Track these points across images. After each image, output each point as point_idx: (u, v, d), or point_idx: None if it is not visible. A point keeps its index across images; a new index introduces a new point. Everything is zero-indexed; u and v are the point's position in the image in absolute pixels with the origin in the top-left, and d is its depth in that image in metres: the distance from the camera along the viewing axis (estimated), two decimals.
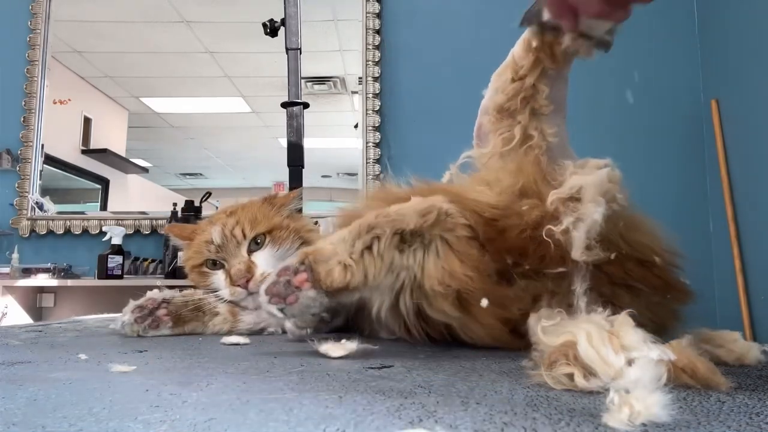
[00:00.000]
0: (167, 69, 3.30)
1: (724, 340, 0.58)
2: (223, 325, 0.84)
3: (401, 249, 0.59)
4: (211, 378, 0.45)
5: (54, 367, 0.50)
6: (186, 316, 0.82)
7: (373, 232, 0.59)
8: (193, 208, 2.59)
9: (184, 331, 0.82)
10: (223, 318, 0.85)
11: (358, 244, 0.58)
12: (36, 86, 2.87)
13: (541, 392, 0.41)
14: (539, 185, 0.66)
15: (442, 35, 2.83)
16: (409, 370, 0.51)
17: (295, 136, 1.63)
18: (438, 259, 0.58)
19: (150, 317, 0.79)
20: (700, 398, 0.40)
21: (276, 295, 0.57)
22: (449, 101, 2.83)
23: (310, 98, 2.09)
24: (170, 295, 0.83)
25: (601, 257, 0.58)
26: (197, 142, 3.45)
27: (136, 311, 0.78)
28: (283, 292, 0.57)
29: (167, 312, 0.80)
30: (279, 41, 1.72)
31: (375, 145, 2.82)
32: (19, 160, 2.82)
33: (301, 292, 0.57)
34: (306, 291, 0.57)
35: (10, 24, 2.93)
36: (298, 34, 1.67)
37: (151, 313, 0.79)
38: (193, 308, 0.83)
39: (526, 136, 0.76)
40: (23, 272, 2.54)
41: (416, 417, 0.33)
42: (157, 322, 0.79)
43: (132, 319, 0.77)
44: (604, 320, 0.45)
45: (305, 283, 0.57)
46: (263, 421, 0.32)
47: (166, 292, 0.83)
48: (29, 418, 0.33)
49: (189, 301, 0.84)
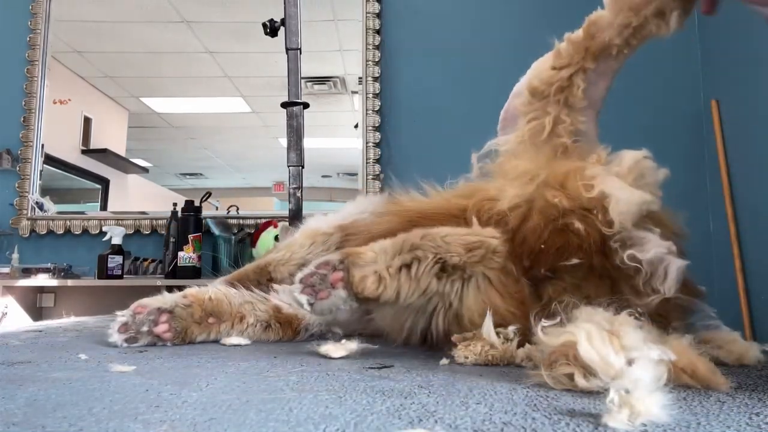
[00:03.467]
0: (167, 69, 3.30)
1: (724, 340, 0.58)
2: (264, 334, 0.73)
3: (440, 277, 0.58)
4: (211, 378, 0.45)
5: (54, 367, 0.50)
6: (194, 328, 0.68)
7: (415, 253, 0.58)
8: (193, 208, 2.59)
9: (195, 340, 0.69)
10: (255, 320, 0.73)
11: (397, 260, 0.58)
12: (36, 86, 2.87)
13: (541, 392, 0.41)
14: (566, 178, 0.65)
15: (442, 35, 2.83)
16: (409, 370, 0.51)
17: (295, 136, 1.63)
18: (479, 293, 0.58)
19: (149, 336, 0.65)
20: (700, 398, 0.40)
21: (310, 286, 0.57)
22: (449, 101, 2.83)
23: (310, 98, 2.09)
24: (171, 302, 0.67)
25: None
26: (197, 142, 3.45)
27: (122, 330, 0.64)
28: (318, 285, 0.56)
29: (168, 328, 0.65)
30: (279, 41, 1.72)
31: (375, 145, 2.82)
32: (19, 160, 2.82)
33: (334, 290, 0.56)
34: (338, 290, 0.56)
35: (10, 24, 2.93)
36: (298, 34, 1.67)
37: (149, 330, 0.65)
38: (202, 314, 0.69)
39: (555, 127, 0.74)
40: (23, 272, 2.54)
41: (416, 417, 0.33)
42: (155, 341, 0.66)
43: (121, 340, 0.64)
44: (604, 320, 0.45)
45: (339, 282, 0.56)
46: (263, 421, 0.32)
47: (165, 297, 0.68)
48: (29, 418, 0.33)
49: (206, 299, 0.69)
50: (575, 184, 0.62)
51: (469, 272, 0.58)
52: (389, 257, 0.58)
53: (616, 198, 0.58)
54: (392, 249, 0.58)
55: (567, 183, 0.64)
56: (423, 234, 0.59)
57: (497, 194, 0.66)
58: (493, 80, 2.90)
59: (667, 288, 0.57)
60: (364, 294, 0.56)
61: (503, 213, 0.64)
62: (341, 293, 0.56)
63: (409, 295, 0.57)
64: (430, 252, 0.58)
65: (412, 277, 0.57)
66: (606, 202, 0.59)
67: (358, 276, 0.56)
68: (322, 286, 0.56)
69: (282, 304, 0.77)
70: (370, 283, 0.56)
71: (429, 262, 0.57)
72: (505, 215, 0.64)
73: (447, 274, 0.58)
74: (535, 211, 0.63)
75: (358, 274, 0.56)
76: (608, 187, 0.59)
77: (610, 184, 0.60)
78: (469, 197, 0.70)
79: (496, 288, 0.58)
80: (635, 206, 0.58)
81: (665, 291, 0.57)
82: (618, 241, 0.58)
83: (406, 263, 0.57)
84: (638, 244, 0.58)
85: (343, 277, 0.56)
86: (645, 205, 0.58)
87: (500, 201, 0.65)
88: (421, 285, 0.57)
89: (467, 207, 0.68)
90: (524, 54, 0.85)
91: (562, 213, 0.62)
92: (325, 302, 0.56)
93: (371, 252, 0.58)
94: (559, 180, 0.65)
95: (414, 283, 0.57)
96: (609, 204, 0.58)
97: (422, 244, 0.58)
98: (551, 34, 0.78)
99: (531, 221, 0.63)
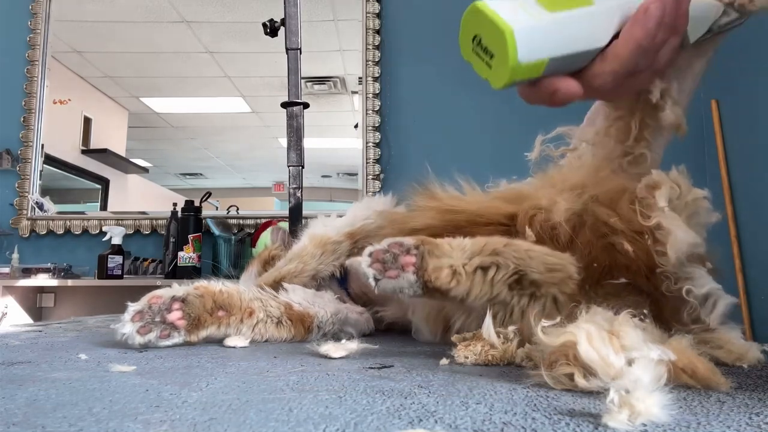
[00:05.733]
0: (167, 69, 3.30)
1: (724, 340, 0.58)
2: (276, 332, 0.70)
3: (512, 288, 0.58)
4: (211, 378, 0.45)
5: (54, 367, 0.50)
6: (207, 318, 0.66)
7: (495, 259, 0.58)
8: (193, 208, 2.59)
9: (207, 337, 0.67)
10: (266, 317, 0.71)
11: (475, 260, 0.57)
12: (36, 86, 2.87)
13: (541, 392, 0.41)
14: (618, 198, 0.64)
15: (442, 35, 2.83)
16: (409, 370, 0.51)
17: (295, 136, 1.63)
18: (542, 312, 0.58)
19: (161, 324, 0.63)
20: (700, 398, 0.40)
21: (380, 261, 0.56)
22: (449, 101, 2.83)
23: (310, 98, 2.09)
24: (183, 291, 0.66)
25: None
26: (197, 142, 3.45)
27: (136, 319, 0.62)
28: (389, 263, 0.56)
29: (182, 315, 0.64)
30: (279, 41, 1.72)
31: (375, 145, 2.82)
32: (19, 160, 2.82)
33: (404, 273, 0.56)
34: (408, 274, 0.56)
35: (10, 24, 2.93)
36: (298, 34, 1.67)
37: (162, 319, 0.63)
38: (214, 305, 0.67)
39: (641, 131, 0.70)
40: (23, 272, 2.54)
41: (416, 417, 0.33)
42: (168, 329, 0.63)
43: (134, 330, 0.61)
44: (604, 320, 0.45)
45: (410, 267, 0.56)
46: (263, 421, 0.32)
47: (177, 287, 0.66)
48: (29, 418, 0.33)
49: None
50: (627, 206, 0.62)
51: (543, 291, 0.58)
52: (467, 256, 0.58)
53: (675, 236, 0.58)
54: (471, 248, 0.58)
55: (619, 203, 0.64)
56: (506, 242, 0.59)
57: (548, 204, 0.66)
58: None
59: (713, 320, 0.59)
60: (436, 284, 0.56)
61: (557, 225, 0.64)
62: (410, 277, 0.56)
63: (479, 297, 0.57)
64: (512, 261, 0.57)
65: (487, 281, 0.57)
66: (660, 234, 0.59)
67: (432, 265, 0.56)
68: (393, 265, 0.56)
69: (293, 301, 0.76)
70: (444, 275, 0.56)
71: (509, 271, 0.57)
72: (558, 228, 0.64)
73: (520, 287, 0.58)
74: (587, 227, 0.63)
75: (433, 263, 0.56)
76: (667, 222, 0.60)
77: (669, 219, 0.60)
78: (516, 202, 0.68)
79: (558, 311, 0.58)
80: (689, 246, 0.59)
81: (710, 323, 0.59)
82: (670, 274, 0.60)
83: (485, 266, 0.57)
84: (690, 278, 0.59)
85: (415, 262, 0.56)
86: (695, 247, 0.59)
87: (552, 212, 0.65)
88: (494, 290, 0.57)
89: (515, 214, 0.67)
90: None
91: (613, 231, 0.62)
92: (391, 282, 0.56)
93: (447, 246, 0.58)
94: (610, 198, 0.65)
95: (487, 286, 0.57)
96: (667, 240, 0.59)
97: (505, 252, 0.58)
98: None
99: (583, 236, 0.63)
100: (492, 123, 2.70)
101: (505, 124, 2.58)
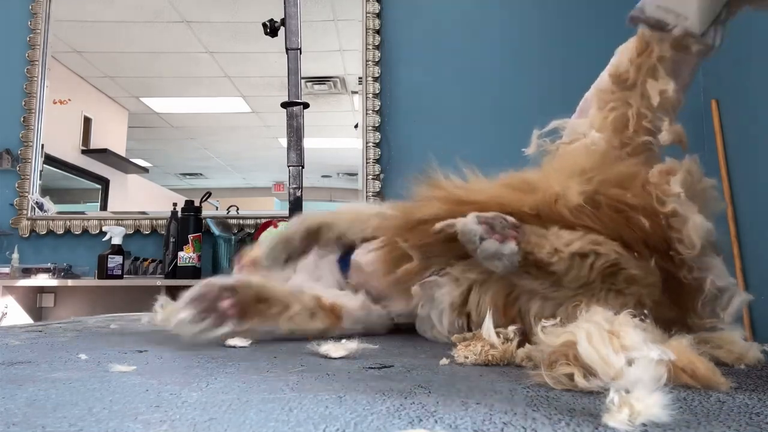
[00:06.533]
0: (167, 69, 3.30)
1: (724, 340, 0.58)
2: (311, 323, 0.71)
3: (604, 279, 0.60)
4: (211, 378, 0.45)
5: (54, 367, 0.50)
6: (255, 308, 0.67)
7: (596, 248, 0.60)
8: (193, 208, 2.59)
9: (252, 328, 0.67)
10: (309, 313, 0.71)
11: (576, 245, 0.59)
12: (36, 86, 2.87)
13: (541, 392, 0.41)
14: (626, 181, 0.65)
15: (442, 35, 2.83)
16: (409, 370, 0.51)
17: (295, 136, 1.63)
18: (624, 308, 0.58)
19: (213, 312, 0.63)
20: (700, 398, 0.40)
21: (488, 224, 0.59)
22: (449, 101, 2.83)
23: (310, 98, 2.09)
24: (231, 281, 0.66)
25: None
26: (197, 142, 3.45)
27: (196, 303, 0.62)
28: (497, 227, 0.59)
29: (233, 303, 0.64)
30: (279, 41, 1.72)
31: (375, 145, 2.82)
32: (19, 160, 2.82)
33: (508, 240, 0.59)
34: (511, 243, 0.59)
35: (10, 24, 2.93)
36: (298, 34, 1.68)
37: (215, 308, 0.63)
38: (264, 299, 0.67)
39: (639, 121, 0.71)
40: (23, 272, 2.54)
41: (416, 417, 0.33)
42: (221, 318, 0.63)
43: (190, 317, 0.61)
44: (604, 320, 0.45)
45: (513, 239, 0.59)
46: (263, 421, 0.32)
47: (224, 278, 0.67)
48: (29, 418, 0.33)
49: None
50: (640, 189, 0.63)
51: (633, 291, 0.60)
52: (564, 241, 0.60)
53: (694, 222, 0.59)
54: (570, 235, 0.61)
55: (631, 187, 0.64)
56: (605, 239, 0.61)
57: (562, 191, 0.66)
58: (493, 80, 2.91)
59: (727, 315, 0.59)
60: (537, 256, 0.58)
61: (579, 208, 0.64)
62: (513, 246, 0.58)
63: (574, 279, 0.59)
64: (614, 254, 0.59)
65: (585, 265, 0.59)
66: (675, 221, 0.60)
67: (535, 241, 0.59)
68: (501, 231, 0.59)
69: (321, 293, 0.77)
70: (545, 252, 0.59)
71: (608, 261, 0.59)
72: (581, 210, 0.64)
73: (611, 280, 0.60)
74: (603, 206, 0.64)
75: (535, 240, 0.59)
76: (683, 209, 0.60)
77: (686, 206, 0.61)
78: (528, 192, 0.68)
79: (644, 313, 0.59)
80: (706, 233, 0.59)
81: (724, 318, 0.59)
82: (689, 261, 0.60)
83: (584, 252, 0.59)
84: (708, 269, 0.60)
85: (517, 236, 0.59)
86: (710, 235, 0.60)
87: (567, 197, 0.65)
88: (590, 276, 0.59)
89: (534, 204, 0.66)
90: (524, 54, 0.85)
91: (631, 207, 0.63)
92: (495, 244, 0.58)
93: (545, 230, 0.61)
94: (620, 181, 0.66)
95: (585, 270, 0.59)
96: (683, 227, 0.59)
97: (605, 243, 0.60)
98: (551, 34, 0.78)
99: (603, 214, 0.64)
100: (492, 123, 2.70)
101: (504, 124, 2.58)
